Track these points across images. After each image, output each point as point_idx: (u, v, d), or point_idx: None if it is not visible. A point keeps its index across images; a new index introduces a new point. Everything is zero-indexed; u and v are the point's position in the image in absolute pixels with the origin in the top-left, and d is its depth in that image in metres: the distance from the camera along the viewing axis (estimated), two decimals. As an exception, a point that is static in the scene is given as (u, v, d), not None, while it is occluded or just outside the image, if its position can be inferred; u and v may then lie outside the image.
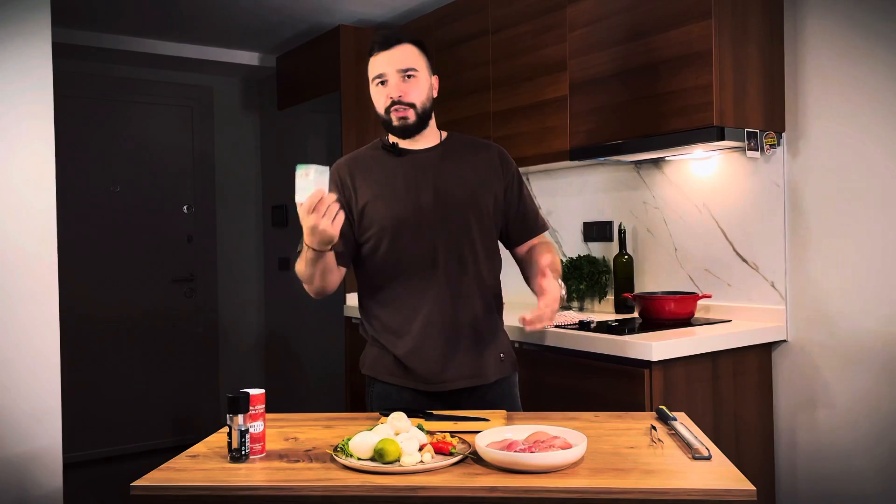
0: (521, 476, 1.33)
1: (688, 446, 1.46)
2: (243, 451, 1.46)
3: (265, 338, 5.04)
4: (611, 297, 3.06)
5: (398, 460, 1.38)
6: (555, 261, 1.89)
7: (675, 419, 1.64)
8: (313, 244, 1.66)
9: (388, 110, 1.88)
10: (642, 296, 2.67)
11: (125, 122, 4.60)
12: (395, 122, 1.88)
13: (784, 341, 2.55)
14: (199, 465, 1.45)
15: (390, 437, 1.42)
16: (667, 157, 2.83)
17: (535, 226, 2.03)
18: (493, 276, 1.97)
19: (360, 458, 1.40)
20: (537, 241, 2.03)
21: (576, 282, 3.10)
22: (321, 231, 1.59)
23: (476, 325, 1.90)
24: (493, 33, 3.19)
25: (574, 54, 2.81)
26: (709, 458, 1.40)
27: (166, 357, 4.71)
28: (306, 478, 1.36)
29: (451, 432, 1.55)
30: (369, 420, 1.74)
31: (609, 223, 3.11)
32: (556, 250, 2.03)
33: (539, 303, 1.71)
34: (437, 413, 1.73)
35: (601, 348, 2.34)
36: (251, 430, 1.48)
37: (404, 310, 1.88)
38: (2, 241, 2.32)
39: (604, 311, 3.05)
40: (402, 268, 1.87)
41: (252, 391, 1.50)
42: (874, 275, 2.33)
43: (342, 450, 1.45)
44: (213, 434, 1.68)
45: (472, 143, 2.01)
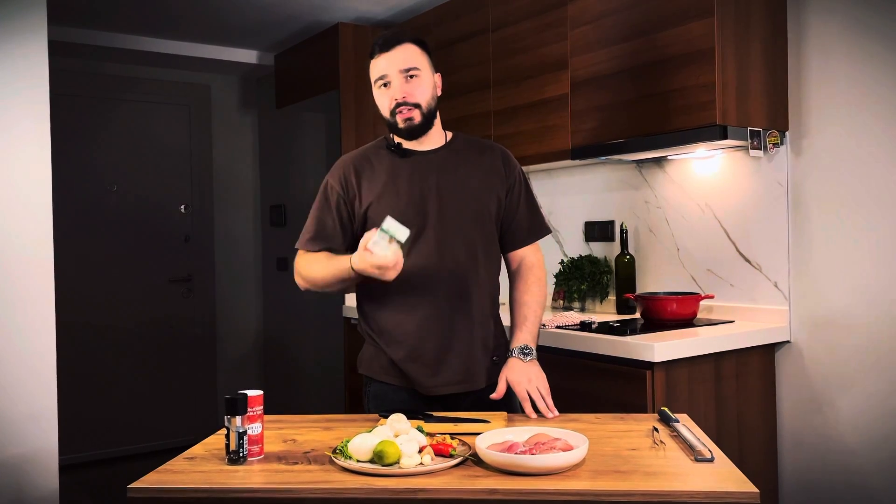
0: (521, 478, 1.32)
1: (690, 448, 1.46)
2: (241, 453, 1.45)
3: (263, 338, 5.02)
4: (612, 298, 3.05)
5: (398, 462, 1.37)
6: (533, 326, 1.93)
7: (678, 421, 1.64)
8: (374, 276, 1.68)
9: (392, 112, 1.86)
10: (644, 296, 2.66)
11: (122, 120, 4.58)
12: (400, 125, 1.86)
13: (787, 342, 2.53)
14: (197, 468, 1.44)
15: (390, 438, 1.42)
16: (669, 157, 2.82)
17: (528, 234, 1.99)
18: (491, 280, 1.96)
19: (359, 461, 1.40)
20: (527, 287, 1.97)
21: (577, 282, 3.09)
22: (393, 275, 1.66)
23: (472, 329, 1.89)
24: (494, 31, 3.18)
25: (575, 52, 2.80)
26: (711, 460, 1.40)
27: (163, 358, 4.69)
28: (305, 480, 1.36)
29: (451, 434, 1.54)
30: (368, 422, 1.74)
31: (611, 223, 3.10)
32: (543, 299, 1.98)
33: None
34: (436, 415, 1.73)
35: (603, 349, 2.33)
36: (249, 432, 1.47)
37: (401, 313, 1.87)
38: (-3, 241, 2.31)
39: (605, 312, 3.04)
40: (402, 271, 1.85)
41: (250, 392, 1.50)
42: (878, 275, 2.32)
43: (341, 452, 1.44)
44: (211, 436, 1.68)
45: (477, 145, 2.00)
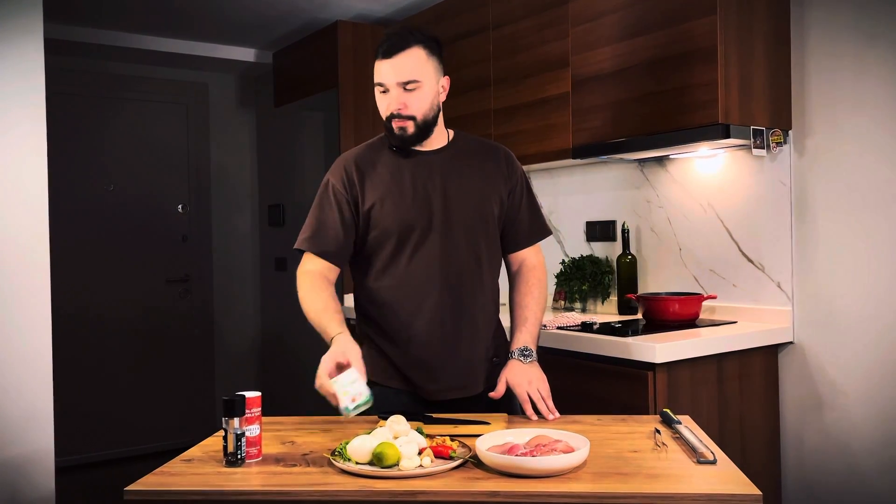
0: (522, 480, 1.32)
1: (692, 450, 1.45)
2: (239, 455, 1.45)
3: (261, 339, 5.01)
4: (614, 298, 3.04)
5: (397, 464, 1.37)
6: (534, 330, 1.92)
7: (680, 422, 1.63)
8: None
9: (388, 119, 1.85)
10: (646, 297, 2.66)
11: (119, 119, 4.57)
12: (395, 131, 1.85)
13: (791, 343, 2.53)
14: (194, 470, 1.44)
15: (389, 440, 1.42)
16: (671, 156, 2.82)
17: (529, 235, 1.98)
18: (493, 282, 1.95)
19: (358, 463, 1.39)
20: (528, 288, 1.96)
21: (578, 282, 3.09)
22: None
23: (476, 333, 1.88)
24: (494, 29, 3.17)
25: (576, 50, 2.79)
26: (714, 462, 1.40)
27: (161, 359, 4.67)
28: (303, 482, 1.36)
29: (451, 436, 1.54)
30: (368, 423, 1.73)
31: (612, 223, 3.08)
32: (544, 301, 1.98)
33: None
34: (436, 416, 1.72)
35: (604, 350, 2.32)
36: (247, 434, 1.46)
37: (402, 315, 1.85)
38: (-8, 240, 2.31)
39: (607, 313, 3.03)
40: (403, 272, 1.85)
41: (248, 394, 1.49)
42: (882, 275, 2.31)
43: (340, 454, 1.44)
44: (209, 438, 1.67)
45: (480, 145, 1.99)
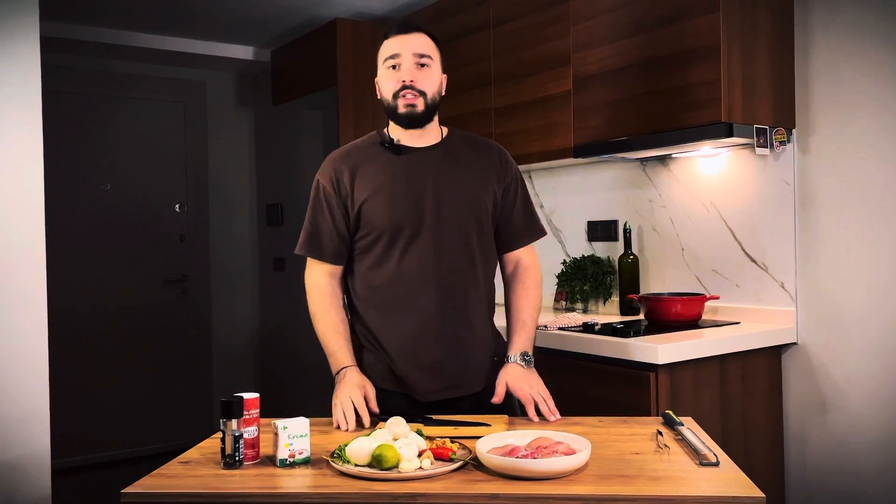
0: (523, 483, 1.31)
1: (695, 452, 1.45)
2: (237, 457, 1.45)
3: (260, 340, 5.00)
4: (615, 299, 3.04)
5: (397, 466, 1.37)
6: (529, 333, 1.92)
7: (682, 424, 1.63)
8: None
9: (396, 95, 1.82)
10: (648, 297, 2.65)
11: (115, 117, 4.55)
12: (401, 109, 1.81)
13: (794, 344, 2.52)
14: (192, 472, 1.43)
15: (388, 442, 1.41)
16: (673, 155, 2.80)
17: (523, 235, 1.97)
18: (488, 281, 1.93)
19: (357, 465, 1.39)
20: (524, 290, 1.95)
21: (579, 283, 3.09)
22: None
23: (470, 332, 1.87)
24: (495, 27, 3.16)
25: (578, 48, 2.78)
26: (717, 464, 1.40)
27: (158, 360, 4.66)
28: (302, 484, 1.36)
29: (451, 438, 1.54)
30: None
31: (614, 222, 3.07)
32: (539, 303, 1.98)
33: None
34: (436, 418, 1.71)
35: (606, 351, 2.32)
36: (245, 436, 1.46)
37: (397, 316, 1.84)
38: (-14, 240, 2.30)
39: (608, 313, 3.02)
40: (395, 272, 1.83)
41: (246, 395, 1.49)
42: (886, 275, 2.30)
43: (339, 456, 1.43)
44: (206, 439, 1.67)
45: (474, 143, 1.97)
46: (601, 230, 3.12)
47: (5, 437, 2.29)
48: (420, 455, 1.40)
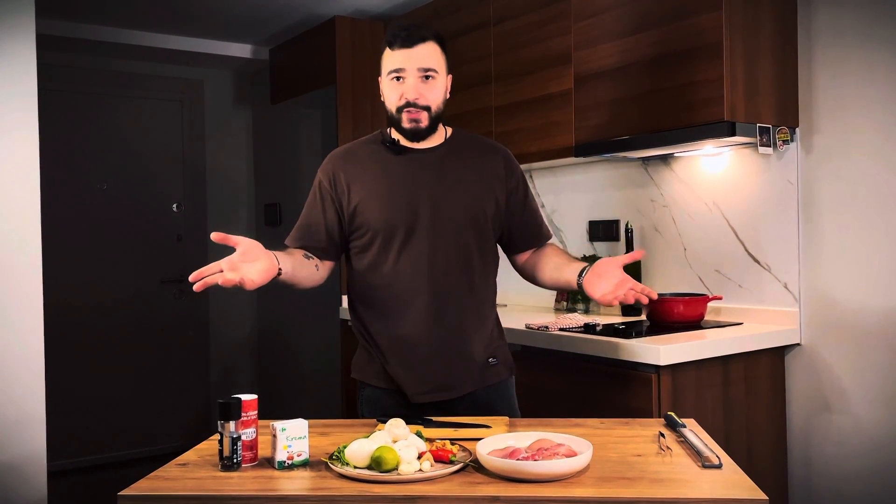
0: (523, 485, 1.31)
1: (697, 454, 1.45)
2: (235, 459, 1.44)
3: (258, 341, 4.99)
4: (616, 299, 3.00)
5: (396, 468, 1.36)
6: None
7: (685, 426, 1.63)
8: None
9: (400, 109, 1.81)
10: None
11: (112, 116, 4.53)
12: (405, 124, 1.81)
13: (797, 345, 2.51)
14: (190, 474, 1.43)
15: (388, 444, 1.41)
16: (675, 154, 2.79)
17: (538, 234, 2.00)
18: (486, 284, 1.92)
19: (356, 467, 1.39)
20: (544, 252, 2.00)
21: (580, 282, 3.05)
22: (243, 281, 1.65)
23: (460, 337, 1.85)
24: (495, 25, 3.15)
25: (579, 46, 2.76)
26: (719, 466, 1.39)
27: (155, 361, 4.64)
28: (301, 487, 1.35)
29: (451, 440, 1.53)
30: (366, 427, 1.74)
31: (615, 222, 3.06)
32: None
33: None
34: (436, 420, 1.71)
35: (607, 352, 2.31)
36: (243, 437, 1.45)
37: (391, 317, 1.84)
38: (-18, 240, 2.29)
39: (610, 314, 3.01)
40: (390, 273, 1.82)
41: (244, 397, 1.48)
42: (890, 276, 2.29)
43: (338, 458, 1.43)
44: (204, 441, 1.66)
45: (478, 144, 1.96)
46: (602, 230, 3.11)
47: (1, 439, 2.28)
48: (420, 457, 1.39)
